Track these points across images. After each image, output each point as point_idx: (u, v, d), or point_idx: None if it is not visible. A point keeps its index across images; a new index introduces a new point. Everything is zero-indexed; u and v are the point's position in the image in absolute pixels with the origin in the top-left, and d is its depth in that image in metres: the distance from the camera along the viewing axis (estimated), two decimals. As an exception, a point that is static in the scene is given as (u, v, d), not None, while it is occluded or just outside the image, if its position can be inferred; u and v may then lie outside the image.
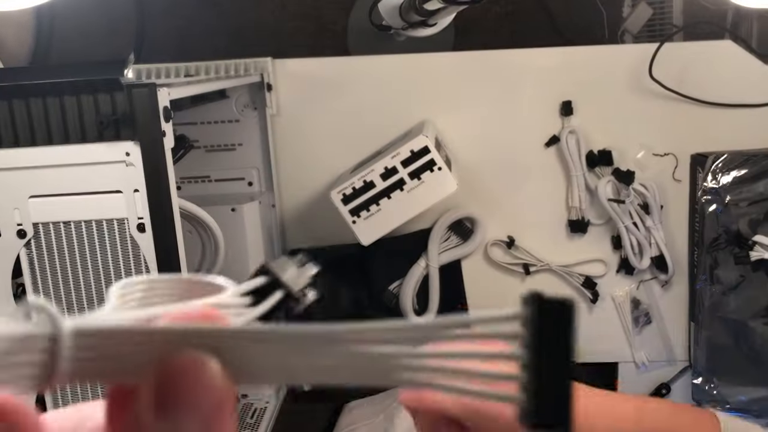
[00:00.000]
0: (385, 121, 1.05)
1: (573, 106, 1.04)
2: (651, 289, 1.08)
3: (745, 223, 1.00)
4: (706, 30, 1.14)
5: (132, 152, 0.58)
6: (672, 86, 1.02)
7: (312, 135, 1.06)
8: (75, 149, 0.59)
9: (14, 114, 0.59)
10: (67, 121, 0.59)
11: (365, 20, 1.25)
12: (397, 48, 1.18)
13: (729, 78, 1.03)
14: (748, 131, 1.03)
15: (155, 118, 0.58)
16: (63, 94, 0.59)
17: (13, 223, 0.60)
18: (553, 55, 1.05)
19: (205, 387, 0.18)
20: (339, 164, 1.06)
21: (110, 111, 0.58)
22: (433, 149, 0.87)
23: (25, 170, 0.59)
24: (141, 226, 0.59)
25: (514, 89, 1.05)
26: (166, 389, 0.18)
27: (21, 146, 0.59)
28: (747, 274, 1.00)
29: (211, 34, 1.45)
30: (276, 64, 1.04)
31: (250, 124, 1.02)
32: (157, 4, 1.42)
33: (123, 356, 0.18)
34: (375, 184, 0.88)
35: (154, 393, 0.18)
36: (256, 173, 1.03)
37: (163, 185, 0.59)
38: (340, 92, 1.05)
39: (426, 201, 0.89)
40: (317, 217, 1.07)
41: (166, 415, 0.18)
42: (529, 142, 1.06)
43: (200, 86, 0.77)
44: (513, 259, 1.08)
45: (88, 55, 1.38)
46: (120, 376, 0.19)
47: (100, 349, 0.18)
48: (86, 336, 0.18)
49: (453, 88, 1.05)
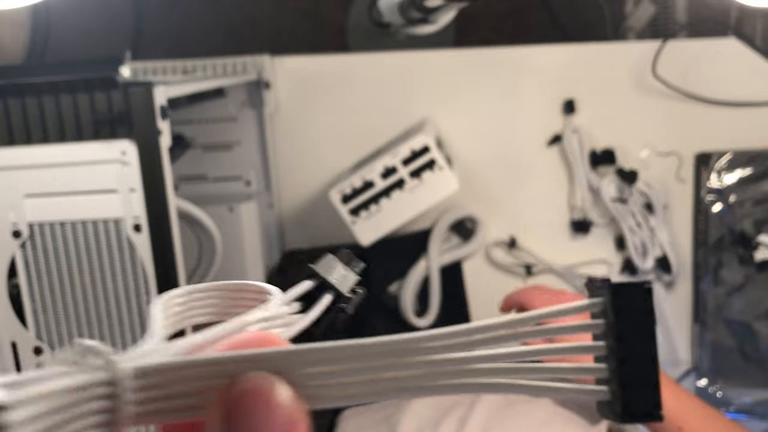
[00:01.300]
0: (384, 120, 1.04)
1: (575, 105, 1.03)
2: (654, 290, 1.07)
3: (750, 223, 0.99)
4: (709, 28, 1.13)
5: (128, 151, 0.57)
6: (675, 84, 1.01)
7: (310, 133, 1.05)
8: (71, 148, 0.58)
9: (9, 112, 0.58)
10: (63, 119, 0.58)
11: (364, 17, 1.24)
12: (397, 45, 1.17)
13: (733, 76, 1.02)
14: (752, 130, 1.02)
15: (151, 117, 0.58)
16: (59, 92, 0.58)
17: (8, 223, 0.59)
18: (556, 52, 1.04)
19: (275, 408, 0.17)
20: (338, 163, 1.05)
21: (106, 109, 0.58)
22: (434, 148, 0.86)
23: (20, 169, 0.59)
24: (137, 226, 0.58)
25: (516, 87, 1.04)
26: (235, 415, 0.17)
27: (16, 145, 0.58)
28: (752, 275, 0.99)
29: (208, 31, 1.44)
30: (274, 62, 1.03)
31: (247, 123, 1.01)
32: (154, 1, 1.41)
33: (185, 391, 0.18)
34: (375, 184, 0.87)
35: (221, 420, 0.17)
36: (253, 172, 1.02)
37: (159, 185, 0.58)
38: (339, 90, 1.04)
39: (426, 201, 0.88)
40: (316, 217, 1.06)
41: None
42: (531, 141, 1.05)
43: (197, 84, 0.77)
44: (514, 260, 1.07)
45: (84, 53, 1.37)
46: (185, 411, 0.18)
47: (161, 387, 0.18)
48: (145, 376, 0.17)
49: (454, 86, 1.04)
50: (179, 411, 0.18)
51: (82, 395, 0.16)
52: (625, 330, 0.18)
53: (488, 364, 0.19)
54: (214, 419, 0.17)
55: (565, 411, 0.80)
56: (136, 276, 0.59)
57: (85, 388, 0.17)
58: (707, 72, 1.02)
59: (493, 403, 0.81)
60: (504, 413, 0.79)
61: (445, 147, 0.99)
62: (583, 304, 0.19)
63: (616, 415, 0.18)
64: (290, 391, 0.18)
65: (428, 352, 0.19)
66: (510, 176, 1.06)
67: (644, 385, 0.18)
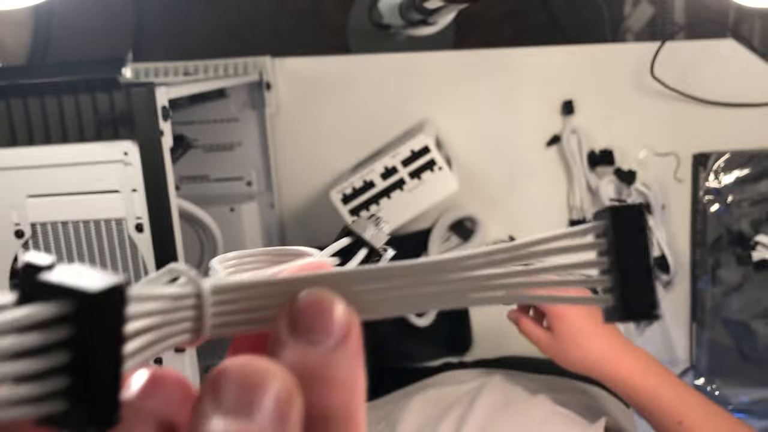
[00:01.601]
0: (384, 120, 1.04)
1: (574, 106, 1.04)
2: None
3: (748, 223, 0.99)
4: (707, 29, 1.13)
5: (130, 152, 0.58)
6: (674, 85, 1.01)
7: (311, 134, 1.05)
8: (73, 149, 0.58)
9: (12, 113, 0.58)
10: (65, 120, 0.58)
11: (365, 19, 1.25)
12: (397, 47, 1.18)
13: (731, 77, 1.03)
14: (750, 131, 1.03)
15: (153, 118, 0.58)
16: (61, 93, 0.58)
17: (10, 223, 0.59)
18: (555, 53, 1.04)
19: (333, 316, 0.20)
20: (338, 164, 1.05)
21: (108, 110, 0.58)
22: (434, 149, 0.87)
23: (22, 170, 0.59)
24: (139, 226, 0.59)
25: (515, 88, 1.04)
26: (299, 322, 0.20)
27: (19, 146, 0.58)
28: (749, 275, 1.00)
29: (209, 32, 1.45)
30: (275, 63, 1.03)
31: (249, 124, 1.01)
32: (155, 2, 1.42)
33: (255, 307, 0.21)
34: (375, 184, 0.87)
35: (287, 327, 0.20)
36: (255, 173, 1.02)
37: (161, 185, 0.59)
38: (340, 91, 1.05)
39: (426, 201, 0.88)
40: (316, 217, 1.07)
41: (299, 337, 0.19)
42: (530, 141, 1.05)
43: (199, 85, 0.77)
44: (514, 260, 1.07)
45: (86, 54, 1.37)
46: (254, 324, 0.21)
47: (235, 303, 0.21)
48: (222, 292, 0.20)
49: (453, 87, 1.04)
50: (249, 324, 0.21)
51: (176, 304, 0.19)
52: (623, 245, 0.21)
53: (512, 279, 0.22)
54: (281, 327, 0.20)
55: (564, 410, 0.80)
56: (137, 276, 0.60)
57: (177, 298, 0.19)
58: (705, 73, 1.03)
59: (492, 402, 0.81)
60: (503, 412, 0.80)
61: (444, 147, 1.00)
62: (589, 227, 0.22)
63: (621, 316, 0.21)
64: (345, 303, 0.20)
65: (461, 270, 0.22)
66: (509, 176, 1.06)
67: (643, 289, 0.21)
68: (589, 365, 0.78)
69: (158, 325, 0.19)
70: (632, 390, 0.76)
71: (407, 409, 0.84)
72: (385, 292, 0.22)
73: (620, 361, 0.76)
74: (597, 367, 0.77)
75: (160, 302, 0.19)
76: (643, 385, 0.75)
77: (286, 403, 0.18)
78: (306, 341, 0.19)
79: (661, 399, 0.74)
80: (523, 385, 0.85)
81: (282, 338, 0.20)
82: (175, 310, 0.19)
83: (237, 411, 0.17)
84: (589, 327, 0.78)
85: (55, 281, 0.17)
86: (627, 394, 0.76)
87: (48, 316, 0.16)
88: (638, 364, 0.76)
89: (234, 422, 0.17)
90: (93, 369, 0.16)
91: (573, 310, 0.79)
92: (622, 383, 0.76)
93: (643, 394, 0.75)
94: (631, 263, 0.21)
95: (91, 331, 0.16)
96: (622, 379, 0.76)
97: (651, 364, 0.76)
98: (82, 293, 0.16)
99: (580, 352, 0.78)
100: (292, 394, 0.18)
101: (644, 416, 0.77)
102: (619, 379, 0.76)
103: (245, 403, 0.17)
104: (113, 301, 0.17)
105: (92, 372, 0.16)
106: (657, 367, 0.76)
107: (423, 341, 1.06)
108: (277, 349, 0.19)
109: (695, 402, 0.73)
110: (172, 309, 0.19)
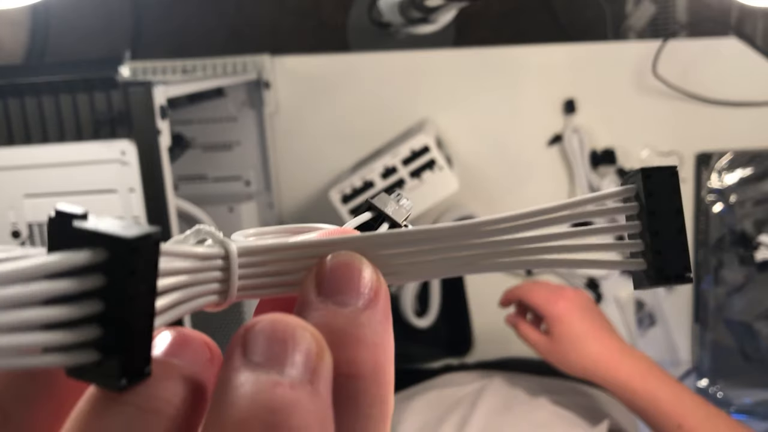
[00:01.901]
0: (384, 120, 1.04)
1: (576, 105, 1.03)
2: (655, 290, 1.06)
3: (751, 223, 0.99)
4: (710, 27, 1.13)
5: (128, 151, 0.57)
6: (676, 84, 1.01)
7: (310, 133, 1.05)
8: (70, 148, 0.58)
9: (9, 112, 0.58)
10: (62, 119, 0.58)
11: (364, 17, 1.24)
12: (397, 45, 1.17)
13: (734, 76, 1.02)
14: (753, 130, 1.02)
15: (151, 117, 0.57)
16: (58, 92, 0.58)
17: (7, 223, 0.59)
18: (556, 52, 1.04)
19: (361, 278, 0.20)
20: (338, 163, 1.04)
21: (106, 109, 0.57)
22: (434, 148, 0.86)
23: (19, 170, 0.58)
24: (137, 226, 0.58)
25: (516, 87, 1.04)
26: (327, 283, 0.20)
27: (16, 145, 0.58)
28: (752, 275, 0.99)
29: (208, 31, 1.44)
30: (274, 62, 1.02)
31: (248, 123, 1.01)
32: (153, 1, 1.41)
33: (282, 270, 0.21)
34: (375, 184, 0.87)
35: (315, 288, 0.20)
36: (253, 172, 1.02)
37: (159, 185, 0.58)
38: (339, 90, 1.04)
39: (427, 201, 0.88)
40: (316, 218, 1.06)
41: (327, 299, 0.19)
42: (531, 140, 1.05)
43: (197, 84, 0.76)
44: (515, 260, 1.06)
45: (84, 53, 1.37)
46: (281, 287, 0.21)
47: (262, 265, 0.21)
48: (250, 254, 0.20)
49: (454, 85, 1.04)
50: (276, 287, 0.21)
51: (204, 264, 0.19)
52: (656, 207, 0.21)
53: (540, 244, 0.22)
54: (309, 289, 0.20)
55: (566, 412, 0.79)
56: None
57: (205, 258, 0.19)
58: (708, 72, 1.02)
59: (493, 404, 0.81)
60: (504, 415, 0.79)
61: (445, 147, 0.99)
62: (621, 189, 0.22)
63: (652, 280, 0.21)
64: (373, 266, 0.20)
65: (487, 234, 0.21)
66: (510, 176, 1.06)
67: (676, 251, 0.21)
68: (588, 369, 0.78)
69: (186, 284, 0.19)
70: (631, 393, 0.75)
71: (408, 410, 0.83)
72: (413, 256, 0.21)
73: (619, 365, 0.76)
74: (595, 370, 0.77)
75: (188, 261, 0.19)
76: (642, 389, 0.74)
77: (317, 357, 0.17)
78: (334, 303, 0.19)
79: (660, 402, 0.73)
80: (524, 387, 0.85)
81: (310, 300, 0.20)
82: (202, 270, 0.19)
83: (267, 364, 0.17)
84: (587, 331, 0.78)
85: (90, 228, 0.16)
86: (626, 397, 0.76)
87: (81, 263, 0.16)
88: (637, 368, 0.76)
89: (264, 375, 0.17)
90: (126, 319, 0.16)
91: (571, 314, 0.79)
92: (621, 387, 0.76)
93: (642, 397, 0.75)
94: (664, 226, 0.21)
95: (125, 280, 0.16)
96: (620, 382, 0.76)
97: (650, 367, 0.76)
98: (118, 239, 0.16)
99: (578, 355, 0.78)
100: (323, 349, 0.18)
101: (644, 419, 0.76)
102: (618, 382, 0.76)
103: (276, 357, 0.17)
104: (148, 249, 0.17)
105: (125, 322, 0.16)
106: (656, 370, 0.76)
107: (423, 343, 1.05)
108: (305, 311, 0.19)
109: (694, 405, 0.73)
110: (200, 269, 0.19)
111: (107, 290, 0.16)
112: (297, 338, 0.17)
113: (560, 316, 0.79)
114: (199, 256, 0.19)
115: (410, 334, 1.04)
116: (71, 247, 0.16)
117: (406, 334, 1.04)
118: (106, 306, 0.16)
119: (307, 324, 0.18)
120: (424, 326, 1.03)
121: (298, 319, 0.18)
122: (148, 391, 0.17)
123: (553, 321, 0.79)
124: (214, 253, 0.20)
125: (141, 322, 0.17)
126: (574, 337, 0.78)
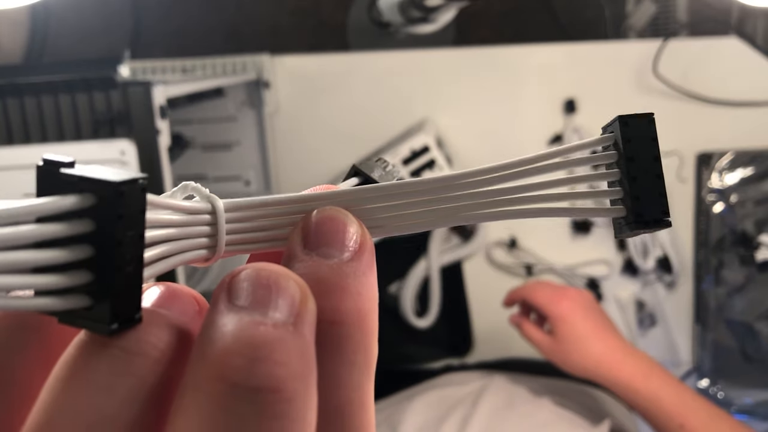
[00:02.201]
0: (384, 119, 1.04)
1: (576, 104, 1.03)
2: (655, 290, 1.06)
3: (751, 223, 0.99)
4: (710, 27, 1.13)
5: (127, 151, 0.57)
6: (676, 84, 1.01)
7: (310, 133, 1.05)
8: (70, 148, 0.58)
9: (8, 112, 0.58)
10: (62, 119, 0.58)
11: (364, 17, 1.24)
12: (397, 45, 1.17)
13: (734, 76, 1.02)
14: (754, 130, 1.02)
15: (150, 117, 0.57)
16: (58, 92, 0.58)
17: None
18: (556, 52, 1.04)
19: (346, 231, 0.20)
20: (338, 163, 1.04)
21: (105, 109, 0.57)
22: (434, 148, 0.86)
23: (19, 169, 0.58)
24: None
25: (517, 87, 1.04)
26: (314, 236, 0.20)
27: (15, 144, 0.58)
28: (753, 275, 0.99)
29: (207, 30, 1.44)
30: (274, 61, 1.02)
31: (247, 123, 1.01)
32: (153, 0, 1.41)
33: (269, 225, 0.21)
34: (375, 184, 0.86)
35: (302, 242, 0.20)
36: (253, 172, 1.02)
37: (158, 185, 0.58)
38: (339, 89, 1.04)
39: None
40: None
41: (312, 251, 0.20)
42: (531, 140, 1.05)
43: (197, 84, 0.76)
44: (515, 260, 1.06)
45: (83, 52, 1.37)
46: (268, 242, 0.21)
47: (249, 221, 0.21)
48: (237, 209, 0.21)
49: (454, 85, 1.04)
50: (263, 242, 0.21)
51: (191, 218, 0.20)
52: (634, 153, 0.21)
53: (521, 194, 0.22)
54: (295, 243, 0.20)
55: (567, 412, 0.79)
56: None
57: (193, 213, 0.20)
58: (708, 71, 1.02)
59: (494, 404, 0.81)
60: (506, 414, 0.79)
61: (445, 146, 0.99)
62: (599, 138, 0.22)
63: (632, 226, 0.21)
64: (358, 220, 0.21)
65: (469, 186, 0.22)
66: (510, 176, 1.05)
67: (654, 196, 0.21)
68: (590, 369, 0.78)
69: (174, 236, 0.19)
70: (633, 393, 0.75)
71: (409, 411, 0.83)
72: (396, 209, 0.22)
73: (621, 365, 0.76)
74: (598, 370, 0.77)
75: (176, 215, 0.19)
76: (645, 389, 0.74)
77: (300, 303, 0.18)
78: (319, 255, 0.20)
79: (663, 402, 0.73)
80: (525, 387, 0.85)
81: (296, 253, 0.20)
82: (190, 224, 0.20)
83: (251, 307, 0.17)
84: (590, 330, 0.78)
85: (77, 174, 0.17)
86: (628, 397, 0.76)
87: (70, 207, 0.16)
88: (639, 368, 0.76)
89: (248, 316, 0.17)
90: (116, 263, 0.17)
91: (574, 313, 0.79)
92: (623, 387, 0.76)
93: (644, 397, 0.74)
94: (642, 172, 0.21)
95: (113, 224, 0.16)
96: (623, 382, 0.76)
97: (652, 367, 0.76)
98: (105, 182, 0.16)
99: (581, 355, 0.78)
100: (307, 296, 0.18)
101: (646, 419, 0.76)
102: (621, 382, 0.76)
103: (260, 301, 0.17)
104: (135, 194, 0.17)
105: (115, 267, 0.17)
106: (658, 370, 0.76)
107: (424, 343, 1.05)
108: (291, 263, 0.20)
109: (697, 405, 0.73)
110: (187, 222, 0.20)
111: (96, 235, 0.17)
112: (281, 284, 0.18)
113: (564, 316, 0.79)
114: (186, 210, 0.20)
115: (410, 335, 1.04)
116: (61, 191, 0.17)
117: (406, 335, 1.04)
118: (96, 251, 0.17)
119: (291, 272, 0.18)
120: (424, 326, 1.02)
121: (284, 268, 0.19)
122: (135, 335, 0.17)
123: (557, 321, 0.79)
124: (201, 207, 0.20)
125: (130, 268, 0.17)
126: (577, 337, 0.78)
